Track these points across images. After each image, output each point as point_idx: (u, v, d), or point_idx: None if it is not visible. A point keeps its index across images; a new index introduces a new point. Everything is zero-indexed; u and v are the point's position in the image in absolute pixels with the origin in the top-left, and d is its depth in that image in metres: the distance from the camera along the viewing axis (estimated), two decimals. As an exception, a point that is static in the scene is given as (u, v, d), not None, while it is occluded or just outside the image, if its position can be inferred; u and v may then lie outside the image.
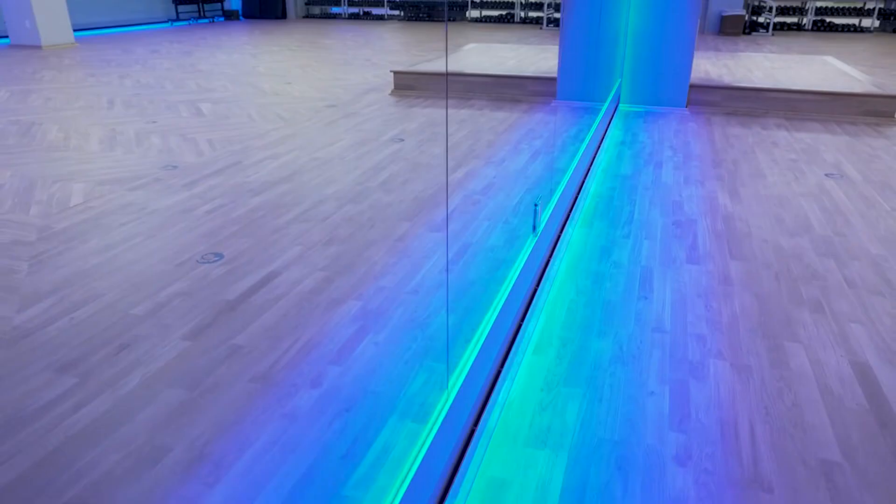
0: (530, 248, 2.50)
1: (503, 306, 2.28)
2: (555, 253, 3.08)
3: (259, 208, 3.63)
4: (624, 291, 2.74)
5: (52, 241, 3.17)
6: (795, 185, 4.11)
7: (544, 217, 2.77)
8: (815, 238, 3.28)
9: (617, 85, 6.38)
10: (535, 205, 2.51)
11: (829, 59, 8.07)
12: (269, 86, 7.44)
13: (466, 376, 1.88)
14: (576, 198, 3.81)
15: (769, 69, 7.28)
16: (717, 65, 7.66)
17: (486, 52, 8.90)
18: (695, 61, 7.69)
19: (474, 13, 16.29)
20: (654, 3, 6.07)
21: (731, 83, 6.40)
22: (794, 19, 14.16)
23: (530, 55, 8.58)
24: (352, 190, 3.93)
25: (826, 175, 4.30)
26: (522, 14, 15.84)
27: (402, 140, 5.11)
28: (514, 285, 2.40)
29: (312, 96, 6.84)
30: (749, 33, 13.23)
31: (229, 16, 17.12)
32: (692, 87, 6.30)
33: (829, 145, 5.04)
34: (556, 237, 3.20)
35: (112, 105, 6.37)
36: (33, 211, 3.58)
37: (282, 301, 2.61)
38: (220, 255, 3.00)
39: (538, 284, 2.77)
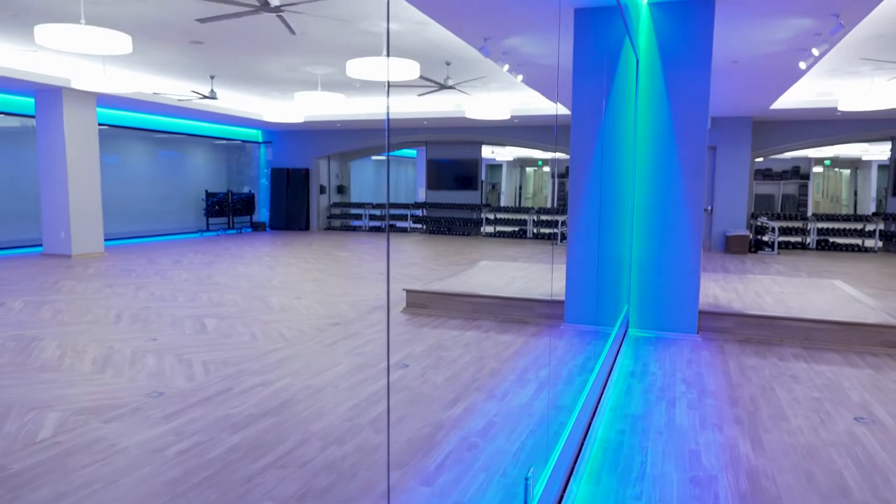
0: (522, 528, 2.16)
1: None
2: (557, 518, 2.70)
3: (236, 448, 3.35)
4: (637, 578, 2.33)
5: (1, 489, 2.88)
6: (823, 431, 3.77)
7: (540, 485, 2.46)
8: (854, 505, 2.89)
9: (626, 309, 6.32)
10: (527, 478, 2.22)
11: (839, 283, 8.07)
12: (279, 300, 7.51)
13: None
14: (582, 443, 3.49)
15: (779, 294, 7.24)
16: (727, 288, 7.66)
17: (497, 270, 9.09)
18: (703, 283, 7.71)
19: (489, 229, 17.11)
20: (656, 228, 6.21)
21: (742, 310, 6.31)
22: (797, 238, 14.60)
23: (539, 274, 8.72)
24: (340, 427, 3.67)
25: (855, 419, 3.97)
26: (535, 230, 16.59)
27: (407, 365, 4.93)
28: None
29: (319, 313, 6.84)
30: (755, 251, 13.57)
31: (257, 227, 18.16)
32: (703, 312, 6.21)
33: (852, 381, 4.75)
34: (558, 498, 2.84)
35: (119, 320, 6.39)
36: (-5, 447, 3.34)
37: (234, 581, 2.23)
38: (179, 514, 2.68)
39: (536, 565, 2.38)
